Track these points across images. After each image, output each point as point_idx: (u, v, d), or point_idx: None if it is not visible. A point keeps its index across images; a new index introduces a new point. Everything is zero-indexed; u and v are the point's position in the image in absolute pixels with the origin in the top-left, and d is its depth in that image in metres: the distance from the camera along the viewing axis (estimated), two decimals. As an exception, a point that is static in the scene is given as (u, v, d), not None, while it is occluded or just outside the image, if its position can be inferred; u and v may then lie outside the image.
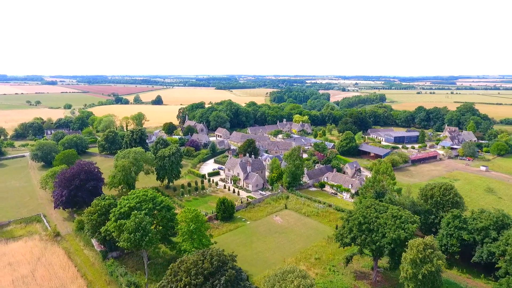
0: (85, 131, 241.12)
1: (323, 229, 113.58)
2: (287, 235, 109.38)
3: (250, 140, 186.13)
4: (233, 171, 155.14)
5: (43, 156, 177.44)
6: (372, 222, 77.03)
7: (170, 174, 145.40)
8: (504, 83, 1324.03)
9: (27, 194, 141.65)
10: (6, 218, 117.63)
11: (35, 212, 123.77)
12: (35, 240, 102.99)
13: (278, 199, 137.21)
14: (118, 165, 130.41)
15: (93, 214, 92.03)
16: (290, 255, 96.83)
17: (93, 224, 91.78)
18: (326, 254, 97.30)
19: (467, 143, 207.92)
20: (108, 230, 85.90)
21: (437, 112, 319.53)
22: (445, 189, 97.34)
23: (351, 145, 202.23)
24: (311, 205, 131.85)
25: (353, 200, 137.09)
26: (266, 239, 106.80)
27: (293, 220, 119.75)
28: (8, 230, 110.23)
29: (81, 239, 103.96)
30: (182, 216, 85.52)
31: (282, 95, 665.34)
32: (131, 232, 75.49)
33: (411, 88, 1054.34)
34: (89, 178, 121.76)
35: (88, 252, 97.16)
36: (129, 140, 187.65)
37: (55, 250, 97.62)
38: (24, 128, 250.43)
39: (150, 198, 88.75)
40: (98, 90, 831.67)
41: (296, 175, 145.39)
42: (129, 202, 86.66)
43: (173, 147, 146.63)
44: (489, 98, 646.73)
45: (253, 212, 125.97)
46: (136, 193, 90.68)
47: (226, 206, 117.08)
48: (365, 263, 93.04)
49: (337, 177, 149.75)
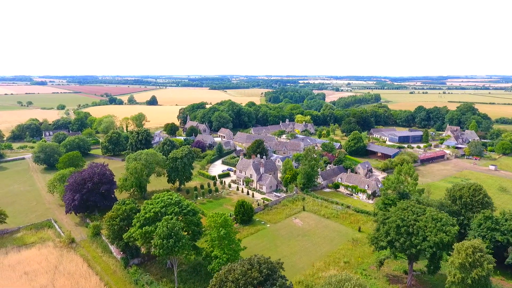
0: (85, 132, 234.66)
1: (345, 231, 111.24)
2: (311, 238, 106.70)
3: (259, 140, 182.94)
4: (246, 172, 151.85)
5: (46, 158, 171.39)
6: (411, 225, 74.73)
7: (182, 176, 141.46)
8: (492, 83, 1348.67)
9: (34, 199, 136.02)
10: (15, 224, 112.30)
11: (44, 217, 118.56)
12: (49, 247, 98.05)
13: (294, 200, 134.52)
14: (130, 168, 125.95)
15: (114, 219, 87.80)
16: (318, 259, 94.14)
17: (114, 230, 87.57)
18: (354, 258, 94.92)
19: (473, 142, 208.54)
20: (132, 237, 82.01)
21: (437, 111, 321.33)
22: (474, 189, 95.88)
23: (359, 145, 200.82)
24: (329, 206, 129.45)
25: (371, 201, 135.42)
26: (290, 242, 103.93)
27: (314, 223, 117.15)
28: (18, 237, 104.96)
29: (98, 245, 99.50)
30: (211, 220, 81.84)
31: (277, 95, 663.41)
32: (164, 238, 71.65)
33: (403, 88, 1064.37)
34: (102, 181, 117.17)
35: (107, 259, 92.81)
36: (134, 142, 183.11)
37: (72, 257, 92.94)
38: (21, 130, 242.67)
39: (175, 202, 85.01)
40: (90, 90, 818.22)
41: (311, 176, 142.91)
42: (154, 206, 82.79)
43: (185, 149, 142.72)
44: (481, 98, 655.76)
45: (271, 214, 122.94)
46: (160, 197, 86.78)
47: (246, 208, 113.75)
48: (396, 266, 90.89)
49: (351, 178, 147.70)
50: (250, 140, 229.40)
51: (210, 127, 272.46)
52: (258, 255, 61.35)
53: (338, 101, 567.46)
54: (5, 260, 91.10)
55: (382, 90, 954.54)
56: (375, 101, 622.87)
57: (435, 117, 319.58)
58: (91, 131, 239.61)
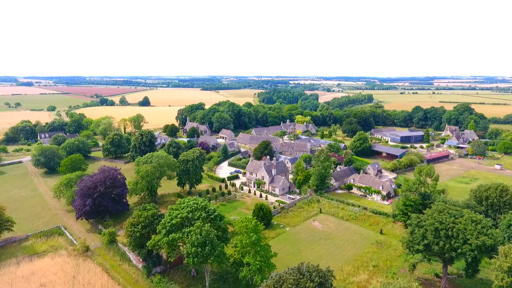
0: (83, 134, 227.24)
1: (367, 234, 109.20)
2: (333, 241, 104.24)
3: (266, 142, 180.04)
4: (257, 174, 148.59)
5: (46, 161, 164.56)
6: (450, 228, 72.87)
7: (193, 179, 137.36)
8: (477, 83, 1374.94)
9: (38, 204, 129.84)
10: (21, 232, 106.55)
11: (53, 224, 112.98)
12: (63, 256, 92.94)
13: (309, 202, 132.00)
14: (141, 171, 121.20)
15: (135, 226, 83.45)
16: (345, 263, 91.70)
17: (135, 237, 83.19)
18: (382, 261, 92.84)
19: (476, 142, 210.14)
20: (158, 245, 77.93)
21: (434, 111, 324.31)
22: (501, 190, 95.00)
23: (365, 146, 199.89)
24: (345, 208, 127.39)
25: (387, 202, 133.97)
26: (313, 246, 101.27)
27: (333, 225, 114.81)
28: (28, 245, 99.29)
29: (115, 253, 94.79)
30: (241, 226, 78.39)
31: (271, 96, 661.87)
32: (198, 245, 67.86)
33: (393, 88, 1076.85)
34: (114, 185, 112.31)
35: (127, 268, 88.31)
36: (138, 144, 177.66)
37: (90, 266, 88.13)
38: (15, 132, 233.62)
39: (202, 207, 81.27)
40: (78, 91, 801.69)
41: (324, 177, 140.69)
42: (180, 212, 78.87)
43: (196, 151, 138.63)
44: (470, 98, 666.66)
45: (288, 217, 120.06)
46: (185, 201, 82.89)
47: (265, 212, 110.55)
48: (426, 269, 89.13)
49: (364, 179, 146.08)
50: (253, 141, 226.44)
51: (211, 128, 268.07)
52: (304, 263, 58.31)
53: (332, 102, 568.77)
54: (18, 271, 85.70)
55: (372, 90, 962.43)
56: (368, 101, 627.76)
57: (432, 117, 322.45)
58: (89, 133, 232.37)
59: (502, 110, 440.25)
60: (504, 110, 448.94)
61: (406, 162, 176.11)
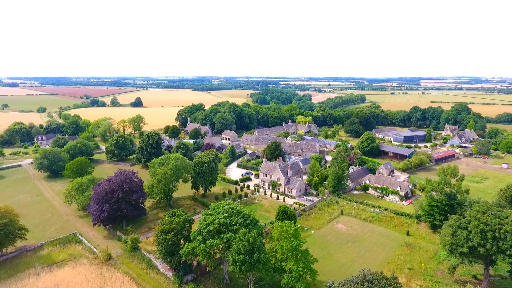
0: (83, 136, 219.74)
1: (394, 236, 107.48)
2: (362, 244, 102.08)
3: (276, 143, 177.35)
4: (272, 176, 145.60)
5: (49, 165, 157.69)
6: (497, 229, 71.40)
7: (208, 181, 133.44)
8: (462, 83, 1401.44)
9: (46, 210, 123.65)
10: (35, 240, 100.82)
11: (66, 230, 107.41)
12: (84, 265, 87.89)
13: (328, 204, 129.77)
14: (159, 173, 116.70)
15: (166, 234, 79.25)
16: (379, 267, 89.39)
17: (167, 245, 78.94)
18: (416, 264, 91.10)
19: (481, 141, 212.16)
20: (194, 252, 74.05)
21: (432, 111, 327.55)
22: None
23: (373, 146, 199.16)
24: (366, 209, 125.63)
25: (405, 203, 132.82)
26: (343, 249, 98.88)
27: (358, 227, 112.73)
28: (44, 254, 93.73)
29: (139, 260, 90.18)
30: (280, 230, 75.29)
31: (264, 96, 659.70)
32: (245, 253, 64.42)
33: (383, 88, 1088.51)
34: (132, 189, 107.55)
35: (155, 276, 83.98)
36: (144, 145, 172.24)
37: (116, 276, 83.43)
38: (10, 134, 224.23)
39: (237, 212, 77.87)
40: (67, 92, 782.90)
41: (341, 178, 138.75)
42: (216, 217, 75.19)
43: (211, 152, 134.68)
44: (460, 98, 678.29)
45: (311, 219, 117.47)
46: (220, 206, 79.26)
47: (289, 215, 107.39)
48: (462, 271, 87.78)
49: (381, 179, 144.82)
50: (259, 142, 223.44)
51: (212, 129, 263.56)
52: (365, 270, 55.67)
53: (327, 102, 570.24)
54: (39, 283, 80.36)
55: (363, 91, 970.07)
56: (361, 101, 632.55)
57: (430, 117, 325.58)
58: (89, 135, 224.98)
59: (492, 110, 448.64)
60: (494, 110, 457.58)
61: (417, 162, 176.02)
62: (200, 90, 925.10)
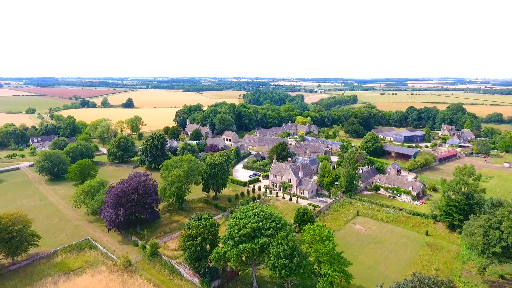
0: (80, 137, 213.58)
1: (413, 236, 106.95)
2: (384, 245, 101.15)
3: (282, 143, 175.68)
4: (282, 177, 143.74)
5: (51, 168, 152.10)
6: (531, 229, 71.34)
7: (220, 183, 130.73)
8: (448, 84, 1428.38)
9: (53, 215, 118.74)
10: (46, 246, 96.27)
11: (77, 236, 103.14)
12: (104, 273, 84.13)
13: (343, 205, 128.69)
14: (172, 176, 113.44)
15: (194, 239, 76.41)
16: (405, 268, 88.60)
17: (195, 250, 76.09)
18: (442, 264, 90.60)
19: (481, 141, 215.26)
20: (225, 257, 71.50)
21: (427, 111, 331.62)
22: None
23: (377, 146, 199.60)
24: (381, 210, 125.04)
25: (418, 203, 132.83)
26: (366, 251, 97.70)
27: (376, 228, 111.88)
28: (58, 261, 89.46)
29: (161, 266, 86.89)
30: (312, 234, 73.41)
31: (257, 97, 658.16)
32: (285, 257, 62.28)
33: (372, 89, 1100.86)
34: (148, 192, 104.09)
35: (180, 283, 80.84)
36: (149, 147, 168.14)
37: (139, 283, 79.98)
38: (4, 136, 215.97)
39: (268, 215, 75.65)
40: (54, 93, 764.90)
41: (353, 178, 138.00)
42: (248, 221, 72.73)
43: (223, 153, 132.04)
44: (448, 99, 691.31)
45: (328, 221, 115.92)
46: (249, 209, 76.85)
47: (309, 216, 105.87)
48: (489, 271, 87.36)
49: (392, 179, 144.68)
50: (262, 143, 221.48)
51: (212, 130, 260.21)
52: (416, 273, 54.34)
53: (320, 102, 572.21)
54: (59, 292, 76.48)
55: (353, 91, 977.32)
56: (353, 102, 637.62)
57: (426, 117, 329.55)
58: (87, 136, 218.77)
59: (481, 110, 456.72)
60: (484, 110, 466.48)
61: (422, 162, 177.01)
62: (191, 91, 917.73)
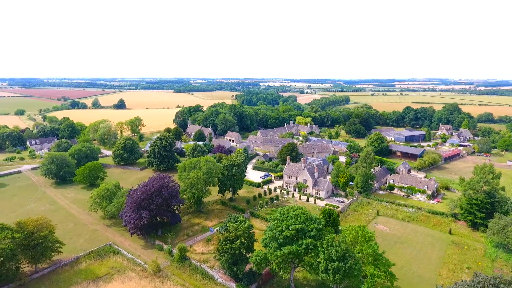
0: (81, 139, 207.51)
1: (438, 235, 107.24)
2: (410, 244, 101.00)
3: (292, 143, 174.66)
4: (298, 177, 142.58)
5: (57, 171, 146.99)
6: None
7: (237, 184, 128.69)
8: (434, 85, 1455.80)
9: (67, 220, 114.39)
10: (67, 253, 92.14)
11: (97, 241, 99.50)
12: (134, 279, 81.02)
13: (361, 205, 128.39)
14: (191, 177, 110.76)
15: (233, 241, 74.31)
16: (437, 267, 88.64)
17: (234, 254, 73.98)
18: (472, 263, 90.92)
19: (483, 140, 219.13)
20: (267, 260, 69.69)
21: (424, 111, 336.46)
22: None
23: (383, 146, 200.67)
24: (400, 209, 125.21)
25: (434, 201, 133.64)
26: (394, 251, 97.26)
27: (399, 227, 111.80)
28: (83, 268, 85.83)
29: (191, 271, 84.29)
30: (355, 234, 72.40)
31: (250, 98, 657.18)
32: (338, 260, 60.90)
33: (361, 90, 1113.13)
34: (172, 195, 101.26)
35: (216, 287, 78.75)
36: (157, 149, 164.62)
37: (174, 289, 77.42)
38: (0, 139, 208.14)
39: (309, 216, 74.23)
40: (41, 94, 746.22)
41: (368, 178, 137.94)
42: (291, 223, 71.13)
43: (240, 155, 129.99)
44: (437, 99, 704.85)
45: (349, 221, 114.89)
46: (290, 211, 75.26)
47: (334, 217, 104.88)
48: None
49: (405, 179, 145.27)
50: (267, 143, 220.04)
51: (214, 130, 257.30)
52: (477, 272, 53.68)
53: (314, 103, 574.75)
54: (91, 301, 73.16)
55: (343, 92, 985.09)
56: (345, 102, 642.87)
57: (423, 117, 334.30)
58: (87, 138, 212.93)
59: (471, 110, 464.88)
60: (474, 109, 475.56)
61: (430, 161, 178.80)
62: (181, 91, 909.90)
